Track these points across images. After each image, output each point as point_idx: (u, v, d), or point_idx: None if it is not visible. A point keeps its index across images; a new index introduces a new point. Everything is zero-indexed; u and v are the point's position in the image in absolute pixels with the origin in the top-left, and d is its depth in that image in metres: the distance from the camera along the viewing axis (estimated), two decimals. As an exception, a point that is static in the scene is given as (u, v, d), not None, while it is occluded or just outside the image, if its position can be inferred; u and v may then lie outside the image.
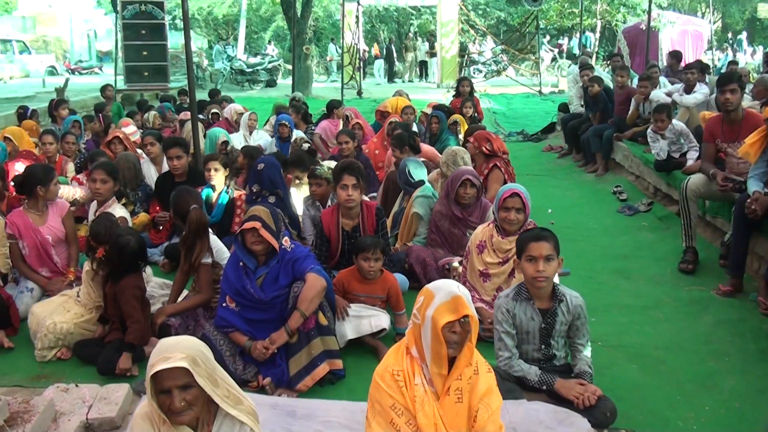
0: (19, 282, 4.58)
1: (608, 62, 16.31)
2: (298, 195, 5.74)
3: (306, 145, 6.38)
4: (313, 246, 4.66)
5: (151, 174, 6.38)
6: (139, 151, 7.36)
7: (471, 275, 4.26)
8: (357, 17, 21.39)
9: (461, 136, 8.00)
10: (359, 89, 20.20)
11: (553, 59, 26.13)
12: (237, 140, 8.25)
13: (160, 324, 3.96)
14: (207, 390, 2.15)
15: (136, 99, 14.51)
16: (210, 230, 4.17)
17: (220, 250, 4.16)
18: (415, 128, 8.72)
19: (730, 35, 32.41)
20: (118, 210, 5.00)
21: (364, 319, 3.98)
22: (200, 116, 9.36)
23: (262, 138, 8.75)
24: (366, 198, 5.11)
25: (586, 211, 7.29)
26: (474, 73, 24.01)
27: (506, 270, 4.11)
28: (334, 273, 4.49)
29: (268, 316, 3.60)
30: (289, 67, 22.78)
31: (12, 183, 4.90)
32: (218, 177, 5.57)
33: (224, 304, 3.63)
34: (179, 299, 4.27)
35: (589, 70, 9.84)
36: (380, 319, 4.01)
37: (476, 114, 9.76)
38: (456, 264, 4.71)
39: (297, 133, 8.15)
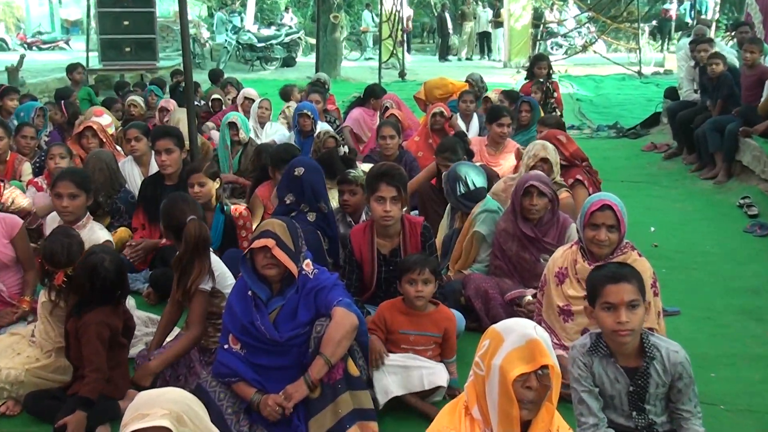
0: None
1: (733, 34, 16.04)
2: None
3: (342, 149, 6.29)
4: (341, 273, 4.69)
5: (135, 177, 6.52)
6: (119, 148, 7.54)
7: (548, 313, 4.22)
8: (399, -24, 21.57)
9: (535, 128, 7.99)
10: (402, 70, 20.32)
11: (657, 29, 25.89)
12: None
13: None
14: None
15: (114, 81, 14.79)
16: (211, 250, 4.23)
17: (223, 274, 4.21)
18: (475, 122, 8.79)
19: None
20: (98, 231, 4.95)
21: (414, 371, 3.97)
22: (196, 104, 9.53)
23: (277, 132, 8.88)
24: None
25: (702, 229, 7.20)
26: (552, 48, 23.98)
27: (595, 307, 4.06)
28: (368, 309, 4.51)
29: (283, 362, 3.61)
30: (312, 41, 23.10)
31: None
32: (206, 192, 5.40)
33: (226, 346, 3.66)
34: (168, 340, 4.32)
35: (707, 45, 9.72)
36: (435, 374, 3.99)
37: (552, 102, 9.73)
38: (529, 298, 4.66)
39: (322, 126, 8.22)
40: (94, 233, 4.89)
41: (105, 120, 8.16)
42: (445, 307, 4.24)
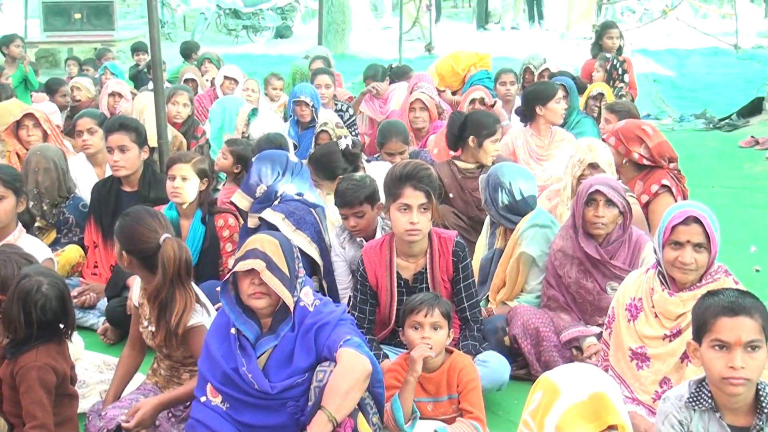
0: None
1: None
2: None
3: (344, 141, 6.26)
4: (350, 305, 4.71)
5: (87, 180, 6.57)
6: (67, 143, 7.60)
7: (617, 357, 4.22)
8: None
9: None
10: (429, 42, 20.32)
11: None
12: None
13: None
14: None
15: (60, 57, 14.81)
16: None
17: (203, 305, 4.22)
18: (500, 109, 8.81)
19: None
20: (32, 245, 4.96)
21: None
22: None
23: (268, 121, 8.91)
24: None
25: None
26: (622, 14, 23.91)
27: (676, 349, 4.05)
28: (387, 352, 4.53)
29: (276, 420, 3.64)
30: (314, 5, 23.10)
31: None
32: (188, 190, 5.48)
33: (204, 399, 3.70)
34: (126, 391, 4.33)
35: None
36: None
37: (622, 86, 9.70)
38: (591, 339, 4.66)
39: (326, 115, 8.26)
40: (26, 247, 4.83)
41: (49, 107, 8.23)
42: (459, 352, 4.22)
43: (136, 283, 4.37)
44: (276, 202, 5.26)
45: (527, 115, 7.40)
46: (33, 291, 3.81)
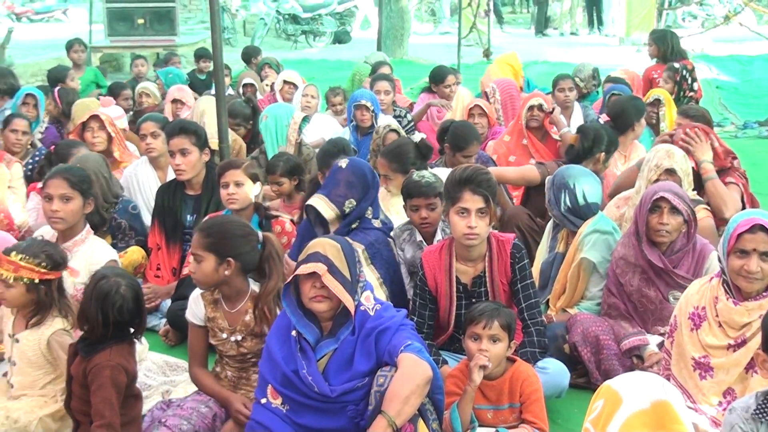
0: None
1: None
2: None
3: (418, 134, 6.26)
4: (409, 309, 4.72)
5: (150, 183, 6.70)
6: (132, 147, 7.71)
7: (679, 367, 4.19)
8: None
9: (665, 126, 7.87)
10: (487, 47, 20.31)
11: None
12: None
13: None
14: None
15: (123, 62, 14.97)
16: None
17: None
18: (578, 115, 8.76)
19: None
20: (100, 249, 5.05)
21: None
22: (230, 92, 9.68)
23: (327, 126, 8.96)
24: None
25: None
26: (684, 20, 23.66)
27: (741, 359, 4.00)
28: (447, 358, 4.53)
29: (335, 423, 3.67)
30: (372, 10, 23.18)
31: None
32: (243, 195, 5.48)
33: (264, 400, 3.74)
34: (178, 394, 4.45)
35: None
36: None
37: (691, 94, 9.58)
38: (652, 348, 4.63)
39: (385, 120, 8.29)
40: (95, 252, 5.01)
41: (115, 111, 8.32)
42: (522, 361, 4.20)
43: (194, 301, 4.34)
44: (354, 226, 5.04)
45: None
46: (112, 292, 3.88)
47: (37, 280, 4.19)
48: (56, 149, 6.75)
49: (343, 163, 5.10)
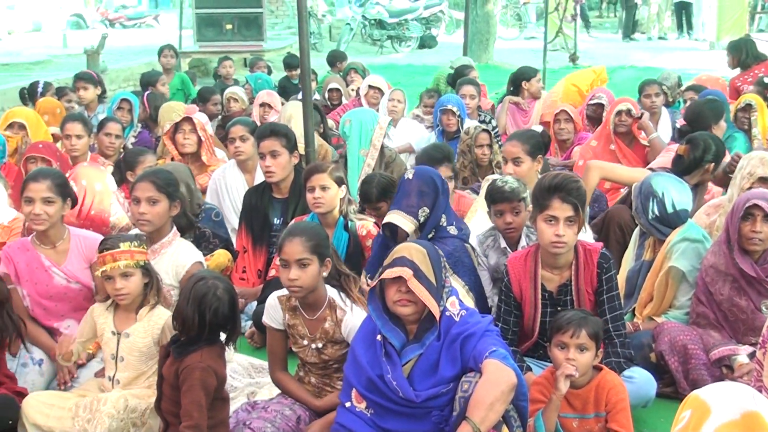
0: (20, 350, 4.78)
1: None
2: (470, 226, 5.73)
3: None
4: (494, 316, 4.70)
5: (238, 187, 6.81)
6: (219, 151, 7.84)
7: (771, 379, 4.10)
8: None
9: (757, 131, 7.71)
10: (574, 52, 20.14)
11: None
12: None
13: None
14: None
15: (212, 67, 15.17)
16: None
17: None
18: (666, 120, 8.63)
19: None
20: (186, 251, 5.15)
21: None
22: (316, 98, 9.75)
23: (413, 131, 8.98)
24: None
25: None
26: (776, 24, 23.16)
27: (837, 372, 3.90)
28: (531, 365, 4.51)
29: (419, 428, 3.67)
30: (459, 15, 23.17)
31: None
32: (329, 199, 5.51)
33: (348, 404, 3.77)
34: (261, 396, 4.50)
35: None
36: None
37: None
38: (743, 358, 4.56)
39: (470, 124, 8.30)
40: (181, 254, 5.10)
41: (201, 118, 8.47)
42: (608, 370, 4.16)
43: (271, 306, 4.40)
44: (431, 236, 5.00)
45: None
46: (209, 294, 3.92)
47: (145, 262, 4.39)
48: (124, 157, 6.86)
49: (409, 174, 5.09)
